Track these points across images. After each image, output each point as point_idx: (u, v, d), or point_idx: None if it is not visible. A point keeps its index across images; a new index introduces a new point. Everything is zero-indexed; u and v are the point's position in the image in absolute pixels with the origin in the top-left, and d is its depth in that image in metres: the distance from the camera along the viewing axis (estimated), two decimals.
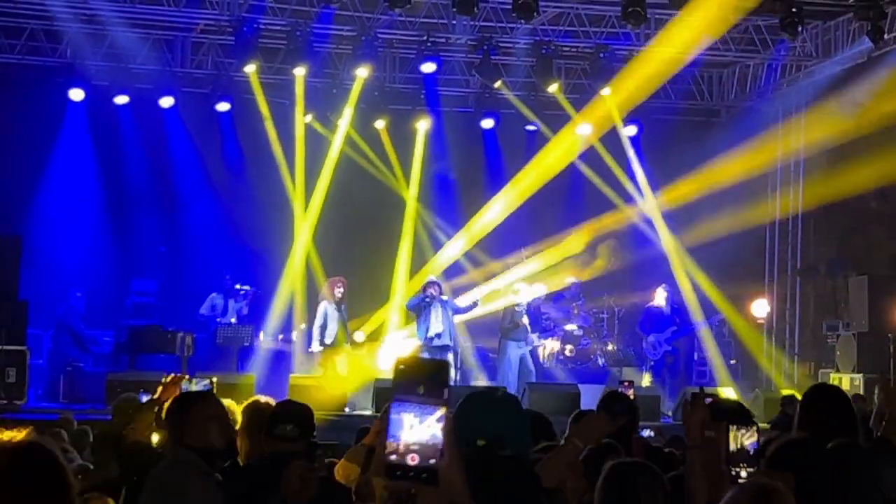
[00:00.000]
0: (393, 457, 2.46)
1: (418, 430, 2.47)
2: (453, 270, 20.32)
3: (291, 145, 19.81)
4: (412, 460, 2.45)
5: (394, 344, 18.92)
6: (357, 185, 19.99)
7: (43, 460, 2.51)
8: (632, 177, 20.85)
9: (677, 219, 20.55)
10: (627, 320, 20.16)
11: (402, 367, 2.55)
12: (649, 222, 20.92)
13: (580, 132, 20.12)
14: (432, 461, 2.45)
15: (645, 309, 19.35)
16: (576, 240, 20.27)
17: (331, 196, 19.91)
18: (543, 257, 20.18)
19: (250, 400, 7.97)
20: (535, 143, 21.04)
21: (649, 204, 20.74)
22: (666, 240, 20.49)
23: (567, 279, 19.70)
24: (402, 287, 19.93)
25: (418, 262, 20.27)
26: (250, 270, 19.37)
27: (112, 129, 19.38)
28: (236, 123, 19.71)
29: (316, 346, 17.27)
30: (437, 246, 20.83)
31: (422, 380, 2.53)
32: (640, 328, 19.11)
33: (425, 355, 16.95)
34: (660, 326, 18.90)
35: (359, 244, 19.88)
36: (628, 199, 20.94)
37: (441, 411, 2.48)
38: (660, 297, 19.02)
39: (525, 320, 17.46)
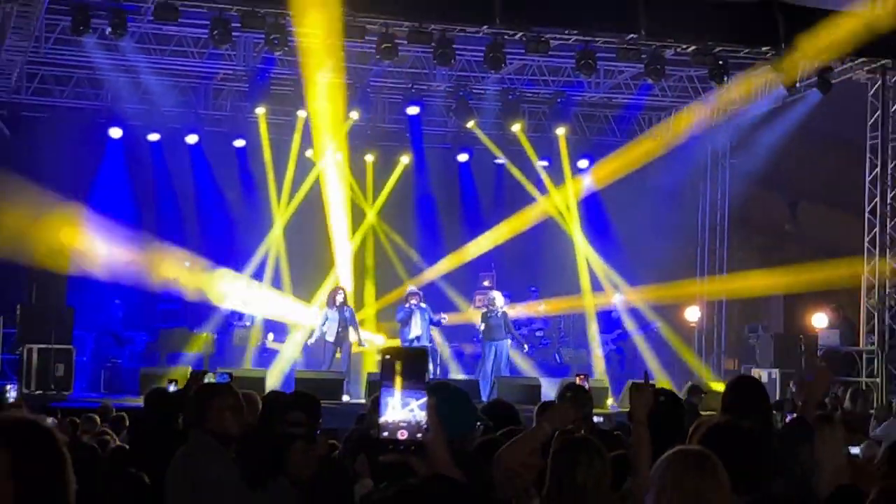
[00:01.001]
0: (385, 434, 2.52)
1: (403, 411, 2.53)
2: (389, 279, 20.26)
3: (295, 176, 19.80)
4: (401, 436, 2.51)
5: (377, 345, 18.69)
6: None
7: (38, 435, 2.41)
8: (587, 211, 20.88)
9: (625, 242, 20.59)
10: (580, 323, 20.08)
11: (387, 357, 2.61)
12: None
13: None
14: (419, 436, 2.51)
15: (597, 312, 19.56)
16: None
17: (305, 210, 19.74)
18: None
19: (268, 391, 8.64)
20: (502, 174, 20.92)
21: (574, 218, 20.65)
22: (582, 255, 20.36)
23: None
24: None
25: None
26: None
27: (145, 161, 19.64)
28: (250, 157, 19.80)
29: (310, 341, 17.41)
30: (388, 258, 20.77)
31: (404, 367, 2.58)
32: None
33: None
34: (608, 328, 19.43)
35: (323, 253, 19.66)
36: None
37: (422, 393, 2.55)
38: (613, 302, 19.46)
39: (493, 323, 17.55)
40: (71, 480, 2.34)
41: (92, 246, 18.45)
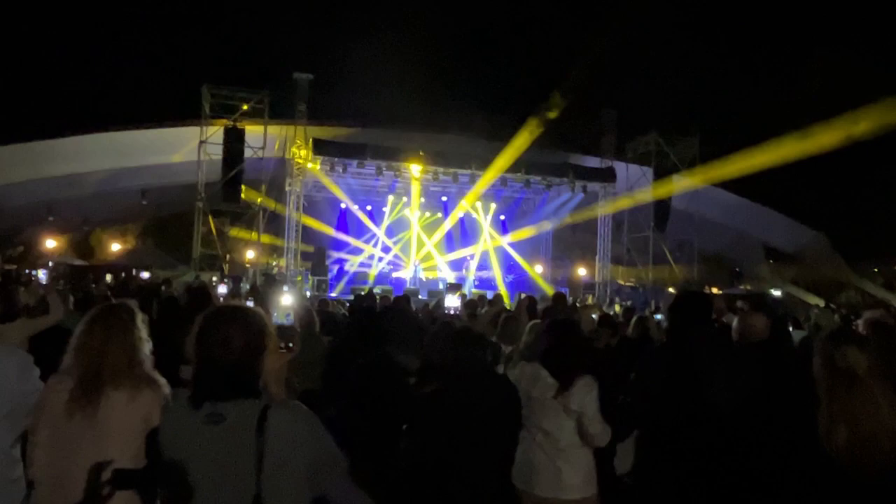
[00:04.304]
0: (446, 310, 8.53)
1: (454, 302, 10.06)
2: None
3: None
4: (452, 311, 8.76)
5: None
6: None
7: (259, 315, 2.86)
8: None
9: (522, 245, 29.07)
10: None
11: (448, 286, 15.53)
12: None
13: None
14: (456, 311, 8.52)
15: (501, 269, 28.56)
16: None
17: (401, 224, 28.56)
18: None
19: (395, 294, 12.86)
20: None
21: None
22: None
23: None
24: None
25: None
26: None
27: (353, 217, 29.00)
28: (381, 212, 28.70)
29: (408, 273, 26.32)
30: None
31: (453, 289, 12.92)
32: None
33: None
34: (510, 271, 30.55)
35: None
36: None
37: (460, 297, 9.77)
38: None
39: (468, 268, 26.88)
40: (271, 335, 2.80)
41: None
